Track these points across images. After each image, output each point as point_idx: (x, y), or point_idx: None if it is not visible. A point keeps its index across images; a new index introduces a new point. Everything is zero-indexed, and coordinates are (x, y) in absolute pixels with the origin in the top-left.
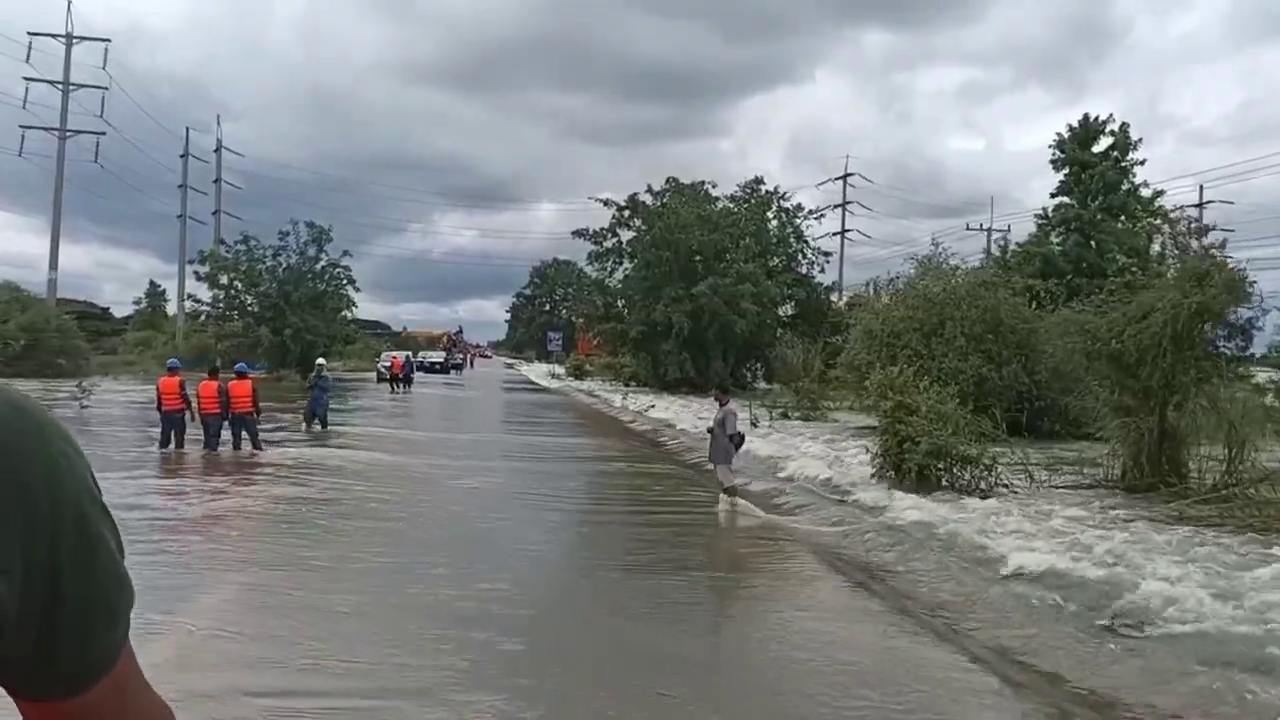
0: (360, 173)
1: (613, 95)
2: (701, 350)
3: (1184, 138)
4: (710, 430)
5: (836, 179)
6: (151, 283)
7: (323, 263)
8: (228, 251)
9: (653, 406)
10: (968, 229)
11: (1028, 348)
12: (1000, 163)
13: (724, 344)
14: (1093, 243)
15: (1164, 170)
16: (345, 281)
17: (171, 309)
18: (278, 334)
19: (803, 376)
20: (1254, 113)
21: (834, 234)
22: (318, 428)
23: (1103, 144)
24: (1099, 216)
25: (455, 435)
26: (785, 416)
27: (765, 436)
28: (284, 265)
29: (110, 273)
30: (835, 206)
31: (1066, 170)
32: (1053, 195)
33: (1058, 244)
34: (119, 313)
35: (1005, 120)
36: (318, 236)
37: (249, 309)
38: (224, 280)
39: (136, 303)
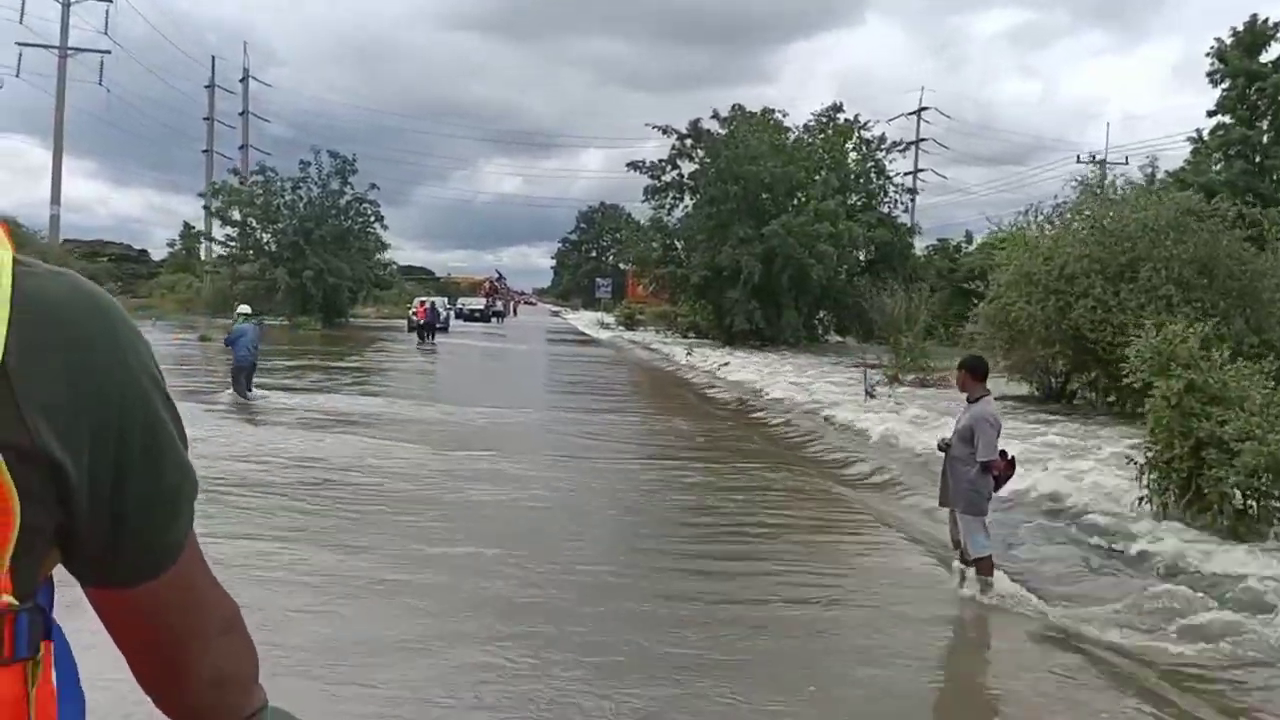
0: (404, 120)
1: (655, 40)
2: (772, 298)
3: None
4: (943, 447)
5: (909, 114)
6: (186, 224)
7: (347, 197)
8: (242, 184)
9: (726, 365)
10: (1078, 160)
11: (1250, 298)
12: (1055, 108)
13: (797, 291)
14: (1264, 171)
15: None
16: (373, 218)
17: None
18: (296, 276)
19: (905, 331)
20: None
21: (905, 174)
22: (253, 395)
23: (1274, 51)
24: (1267, 139)
25: (474, 411)
26: (895, 380)
27: (899, 413)
28: (304, 200)
29: (161, 217)
30: (909, 144)
31: (1227, 84)
32: (1210, 114)
33: (1219, 173)
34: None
35: (1061, 65)
36: (341, 168)
37: (266, 248)
38: (237, 216)
39: (170, 245)
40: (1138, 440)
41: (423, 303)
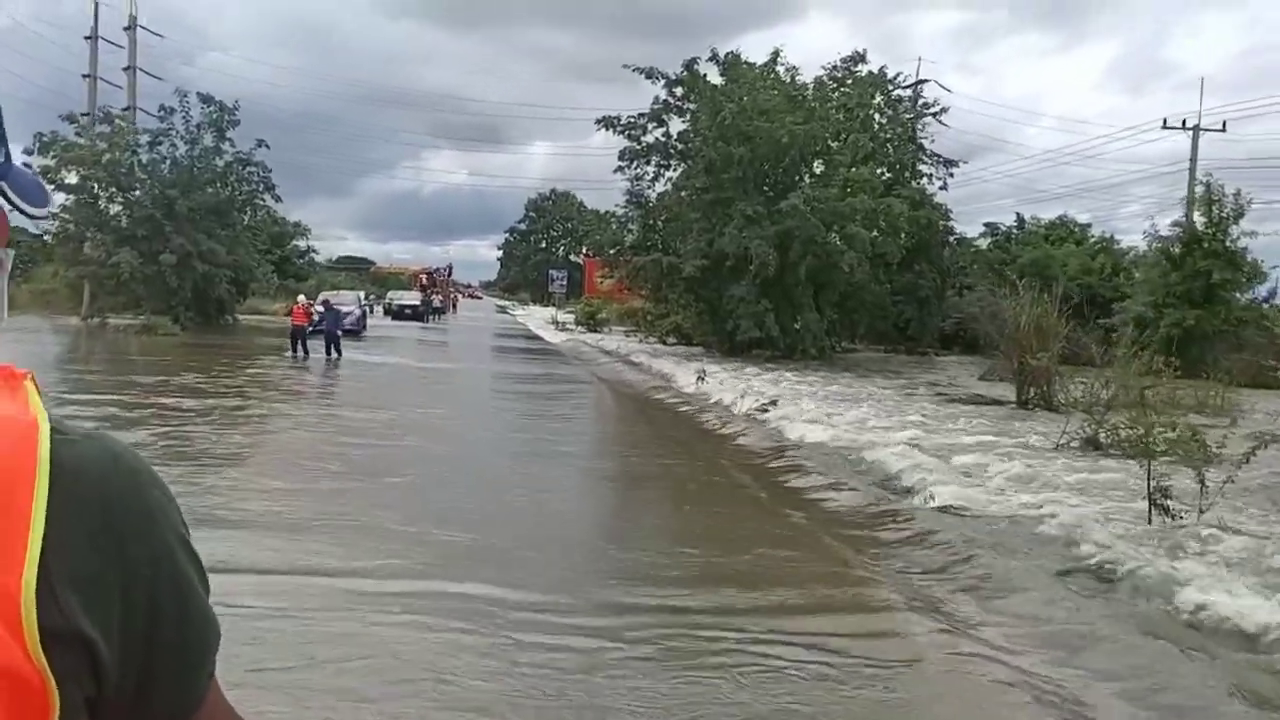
0: (349, 108)
1: (604, 32)
2: (787, 296)
3: (1181, 86)
4: None
5: (906, 88)
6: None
7: (226, 158)
8: (79, 134)
9: (773, 404)
10: (1165, 126)
11: None
12: (994, 109)
13: (817, 287)
14: None
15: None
16: (260, 187)
17: None
18: (151, 261)
19: (1034, 350)
20: (1254, 60)
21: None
22: None
23: None
24: None
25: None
26: (1196, 472)
27: None
28: (166, 159)
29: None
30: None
31: None
32: None
33: None
34: None
35: (1004, 64)
36: (216, 119)
37: (114, 223)
38: (72, 180)
39: (62, 223)
40: None
41: (298, 304)
